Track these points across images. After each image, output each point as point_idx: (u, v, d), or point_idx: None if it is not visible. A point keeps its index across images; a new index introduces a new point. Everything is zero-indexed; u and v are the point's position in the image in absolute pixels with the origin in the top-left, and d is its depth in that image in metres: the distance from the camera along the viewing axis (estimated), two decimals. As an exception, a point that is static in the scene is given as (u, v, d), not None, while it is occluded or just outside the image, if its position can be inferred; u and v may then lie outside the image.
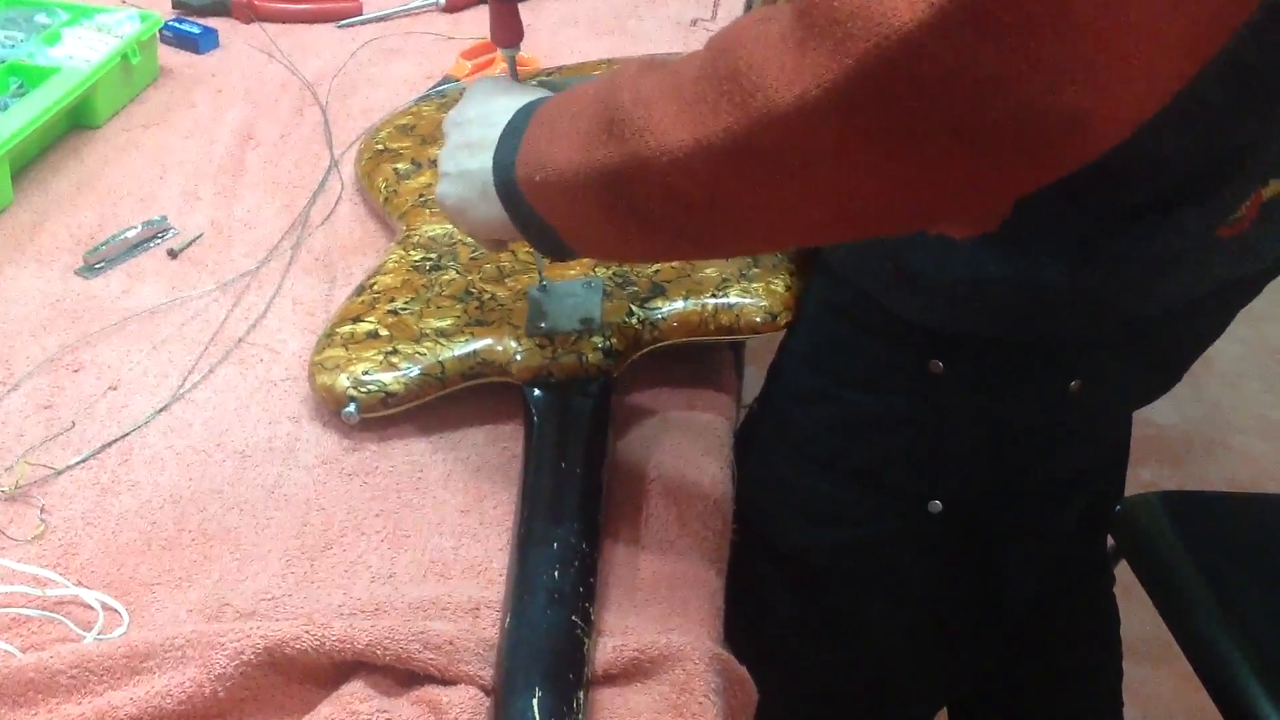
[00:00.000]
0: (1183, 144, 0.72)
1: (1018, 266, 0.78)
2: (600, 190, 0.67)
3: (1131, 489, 1.25)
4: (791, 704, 1.05)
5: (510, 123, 0.76)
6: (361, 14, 1.51)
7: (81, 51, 1.29)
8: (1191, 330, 0.90)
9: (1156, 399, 0.96)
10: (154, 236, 1.12)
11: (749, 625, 0.97)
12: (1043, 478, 0.95)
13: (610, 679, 0.75)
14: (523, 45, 0.88)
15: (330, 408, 0.93)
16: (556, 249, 0.76)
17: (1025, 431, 0.90)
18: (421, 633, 0.74)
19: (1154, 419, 2.20)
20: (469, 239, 1.03)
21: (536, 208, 0.73)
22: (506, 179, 0.74)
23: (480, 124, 0.79)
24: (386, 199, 1.13)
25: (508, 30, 0.86)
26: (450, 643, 0.74)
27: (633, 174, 0.64)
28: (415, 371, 0.92)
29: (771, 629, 1.05)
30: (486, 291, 0.98)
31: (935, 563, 0.98)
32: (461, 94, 1.27)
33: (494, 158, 0.76)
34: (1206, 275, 0.81)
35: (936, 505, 0.93)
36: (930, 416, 0.89)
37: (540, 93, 0.80)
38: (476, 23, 1.51)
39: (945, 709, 1.31)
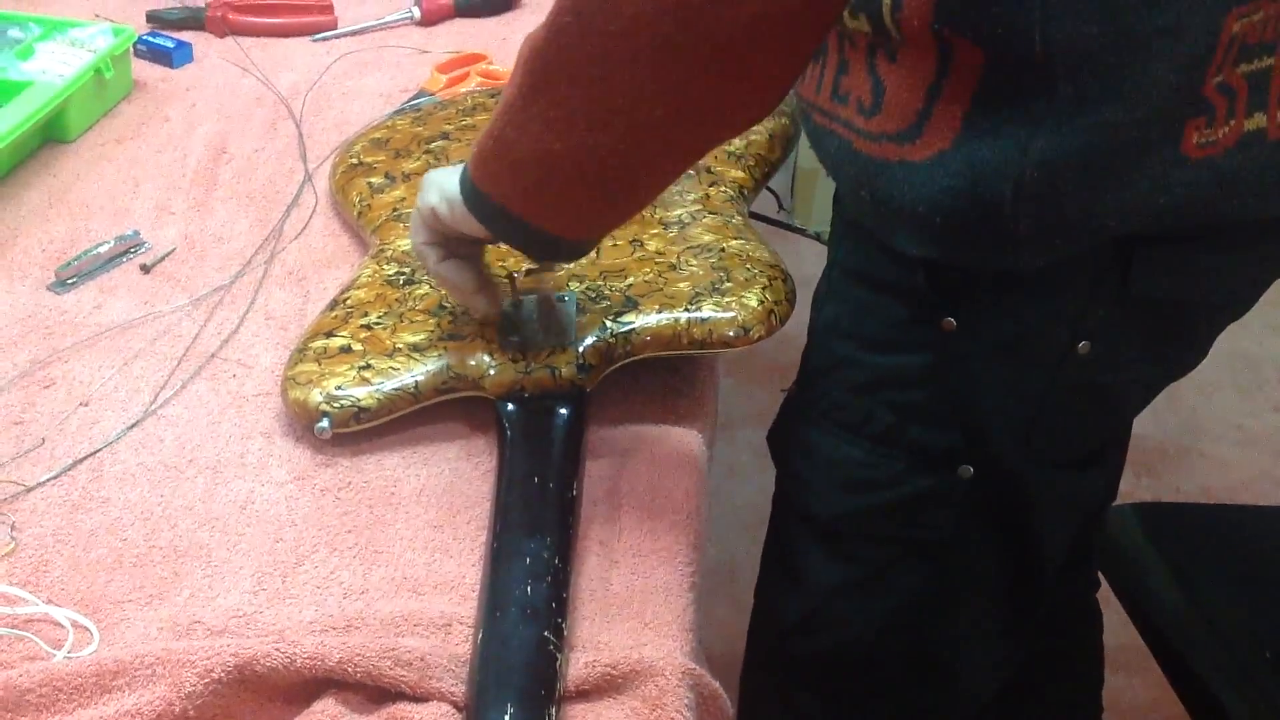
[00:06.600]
0: (1094, 31, 0.75)
1: (963, 179, 0.80)
2: (523, 120, 0.76)
3: (1106, 499, 1.25)
4: (833, 671, 1.08)
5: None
6: (336, 27, 1.52)
7: (55, 66, 1.28)
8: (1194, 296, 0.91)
9: (1179, 376, 0.98)
10: (126, 251, 1.12)
11: (789, 592, 1.04)
12: (1063, 444, 0.97)
13: (583, 694, 0.75)
14: (500, 59, 0.89)
15: (303, 423, 0.93)
16: (526, 237, 0.83)
17: (1039, 391, 0.92)
18: (393, 649, 0.74)
19: (1129, 428, 2.20)
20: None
21: (490, 195, 0.82)
22: (465, 186, 0.84)
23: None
24: (360, 213, 1.12)
25: None
26: (422, 659, 0.74)
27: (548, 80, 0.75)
28: (388, 386, 0.92)
29: (810, 596, 1.07)
30: (460, 306, 0.98)
31: (968, 529, 0.99)
32: (435, 107, 1.27)
33: (459, 181, 0.85)
34: (1166, 190, 0.81)
35: (968, 470, 0.95)
36: (946, 374, 0.92)
37: None
38: (451, 36, 1.51)
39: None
